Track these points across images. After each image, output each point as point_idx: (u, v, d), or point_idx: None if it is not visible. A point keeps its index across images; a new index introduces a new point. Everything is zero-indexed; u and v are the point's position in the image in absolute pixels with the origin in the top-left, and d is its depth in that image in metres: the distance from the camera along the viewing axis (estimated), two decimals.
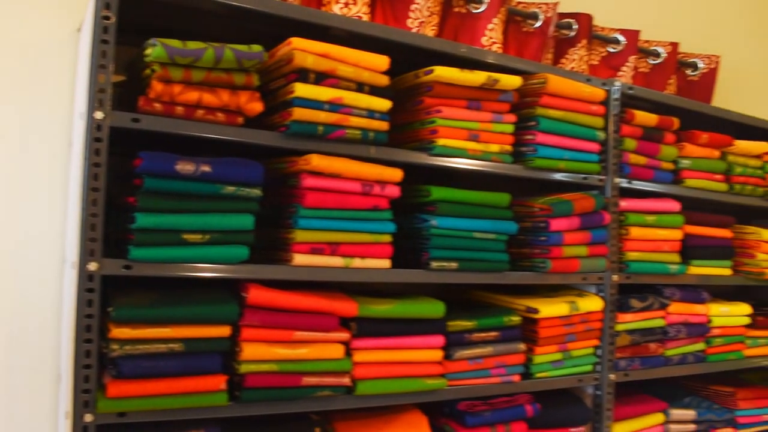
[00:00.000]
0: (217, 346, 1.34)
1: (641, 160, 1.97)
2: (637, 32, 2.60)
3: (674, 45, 2.74)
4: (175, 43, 1.29)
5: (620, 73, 2.60)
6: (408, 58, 1.68)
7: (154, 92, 1.30)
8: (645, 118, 1.97)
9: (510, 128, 1.71)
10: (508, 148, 1.71)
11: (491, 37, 2.22)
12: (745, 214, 2.76)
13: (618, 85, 1.94)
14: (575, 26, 2.44)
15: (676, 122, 2.05)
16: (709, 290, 2.42)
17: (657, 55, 2.70)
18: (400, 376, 1.52)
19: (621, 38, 2.58)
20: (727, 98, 3.04)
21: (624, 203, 1.92)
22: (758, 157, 2.32)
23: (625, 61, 2.60)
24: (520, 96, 1.76)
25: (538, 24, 2.31)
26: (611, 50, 2.60)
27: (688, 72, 2.85)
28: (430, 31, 2.17)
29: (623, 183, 1.93)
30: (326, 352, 1.43)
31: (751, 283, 2.28)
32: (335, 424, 1.54)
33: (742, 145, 2.23)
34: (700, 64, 2.83)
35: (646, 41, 2.72)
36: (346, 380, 1.46)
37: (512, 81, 1.66)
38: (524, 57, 2.32)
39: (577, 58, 2.47)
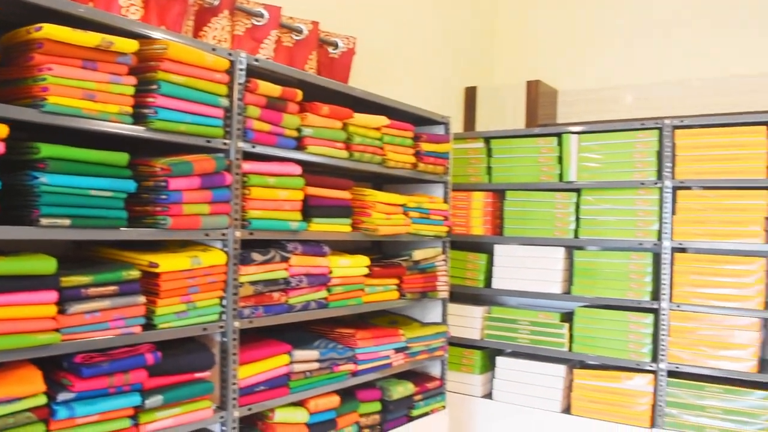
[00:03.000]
0: None
1: (265, 126, 2.22)
2: (279, 8, 2.86)
3: (315, 23, 3.06)
4: None
5: (263, 46, 2.85)
6: (33, 13, 1.70)
7: None
8: (269, 88, 2.22)
9: (129, 90, 1.82)
10: (128, 109, 1.82)
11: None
12: (378, 180, 3.22)
13: (243, 57, 2.15)
14: None
15: (299, 94, 2.34)
16: (340, 245, 2.81)
17: (299, 31, 3.00)
18: (7, 333, 1.57)
19: (264, 12, 2.82)
20: (363, 76, 3.48)
21: (247, 166, 2.15)
22: (377, 129, 2.73)
23: (267, 34, 2.85)
24: (141, 60, 1.89)
25: None
26: (256, 23, 2.83)
27: (330, 50, 3.21)
28: None
29: (247, 147, 2.16)
30: None
31: (368, 238, 2.69)
32: None
33: (362, 118, 2.61)
34: (340, 44, 3.21)
35: (290, 17, 3.01)
36: None
37: (128, 45, 1.78)
38: (165, 23, 2.44)
39: (219, 27, 2.66)
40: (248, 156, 2.18)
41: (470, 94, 4.46)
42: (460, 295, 3.90)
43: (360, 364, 2.65)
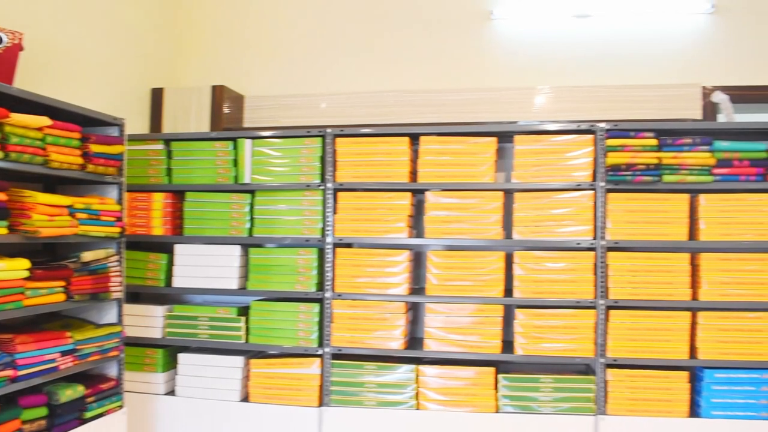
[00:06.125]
0: None
1: None
2: None
3: None
4: None
5: None
6: None
7: None
8: None
9: None
10: None
11: None
12: (50, 181, 3.18)
13: None
14: None
15: None
16: (2, 249, 2.75)
17: None
18: None
19: None
20: (37, 74, 3.42)
21: None
22: (39, 129, 2.73)
23: None
24: None
25: None
26: None
27: None
28: None
29: None
30: None
31: (28, 240, 2.68)
32: None
33: (20, 118, 2.60)
34: (4, 38, 3.11)
35: None
36: None
37: None
38: None
39: None
40: None
41: (156, 95, 4.54)
42: (143, 295, 3.98)
43: (20, 369, 2.63)
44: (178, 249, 3.76)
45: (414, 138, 3.59)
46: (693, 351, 3.34)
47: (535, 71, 4.44)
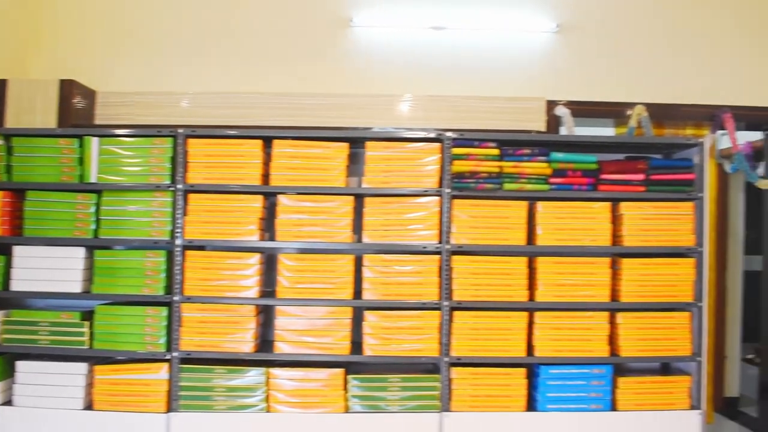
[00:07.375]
0: None
1: None
2: None
3: None
4: None
5: None
6: None
7: None
8: None
9: None
10: None
11: None
12: None
13: None
14: None
15: None
16: None
17: None
18: None
19: None
20: None
21: None
22: None
23: None
24: None
25: None
26: None
27: None
28: None
29: None
30: None
31: None
32: None
33: None
34: None
35: None
36: None
37: None
38: None
39: None
40: None
41: None
42: None
43: None
44: (17, 251, 3.59)
45: (268, 141, 3.61)
46: (530, 349, 3.56)
47: (393, 79, 4.58)
